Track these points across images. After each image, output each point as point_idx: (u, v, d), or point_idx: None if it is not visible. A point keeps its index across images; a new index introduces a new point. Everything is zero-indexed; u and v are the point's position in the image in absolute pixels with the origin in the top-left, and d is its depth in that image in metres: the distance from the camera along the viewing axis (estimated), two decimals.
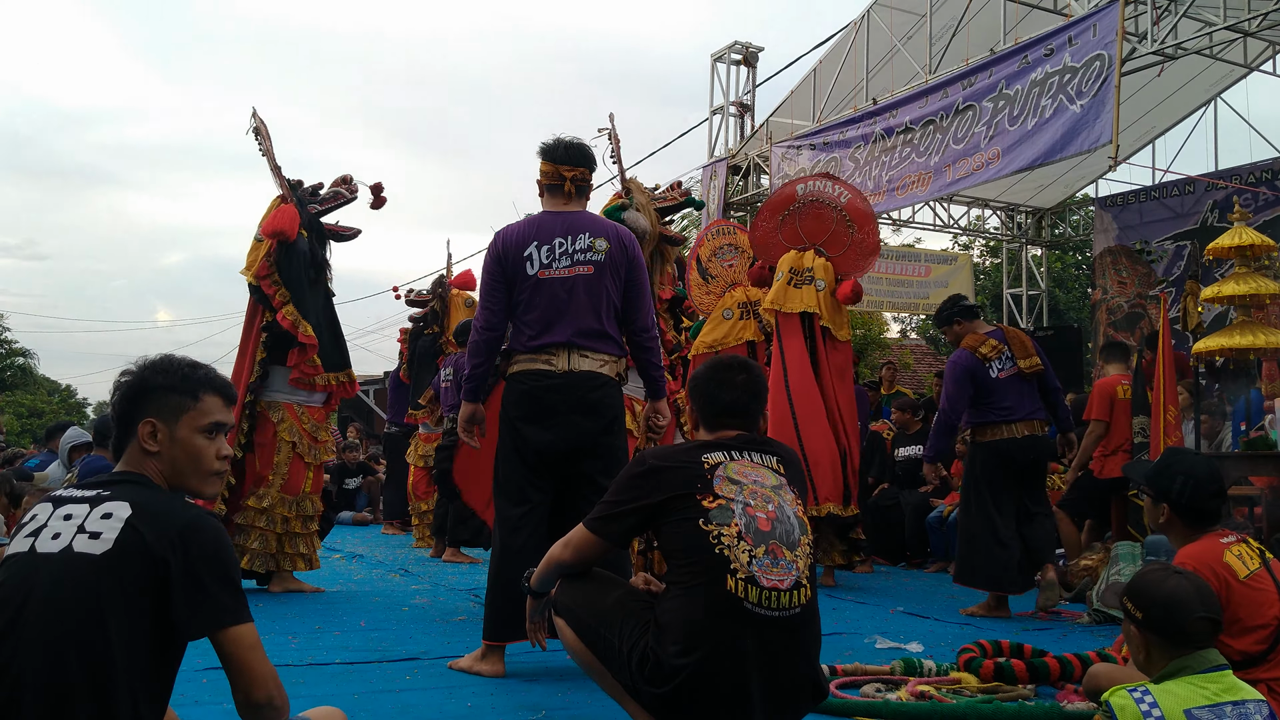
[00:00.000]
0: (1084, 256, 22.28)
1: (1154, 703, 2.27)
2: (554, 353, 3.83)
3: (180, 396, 2.15)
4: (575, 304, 3.84)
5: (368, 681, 3.66)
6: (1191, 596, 2.42)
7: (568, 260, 3.87)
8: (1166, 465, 3.27)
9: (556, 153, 4.03)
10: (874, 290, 13.07)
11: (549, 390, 3.82)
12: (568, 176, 4.00)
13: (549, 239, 3.89)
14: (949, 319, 6.08)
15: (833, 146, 10.73)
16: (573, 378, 3.82)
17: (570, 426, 3.82)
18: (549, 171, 4.03)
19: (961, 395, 5.72)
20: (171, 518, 1.97)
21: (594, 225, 3.97)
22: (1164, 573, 2.53)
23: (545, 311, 3.84)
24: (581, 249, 3.88)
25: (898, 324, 27.81)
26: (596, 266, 3.88)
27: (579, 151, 4.05)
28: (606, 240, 3.92)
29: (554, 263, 3.87)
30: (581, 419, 3.83)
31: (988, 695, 3.53)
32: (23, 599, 1.89)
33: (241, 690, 1.97)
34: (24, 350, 36.57)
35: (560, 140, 4.06)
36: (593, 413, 3.85)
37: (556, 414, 3.83)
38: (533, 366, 3.85)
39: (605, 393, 3.88)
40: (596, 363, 3.86)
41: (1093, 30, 7.87)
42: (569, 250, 3.88)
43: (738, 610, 2.46)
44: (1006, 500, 5.70)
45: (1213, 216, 11.22)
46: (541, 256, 3.87)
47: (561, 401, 3.82)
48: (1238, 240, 5.80)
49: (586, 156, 4.07)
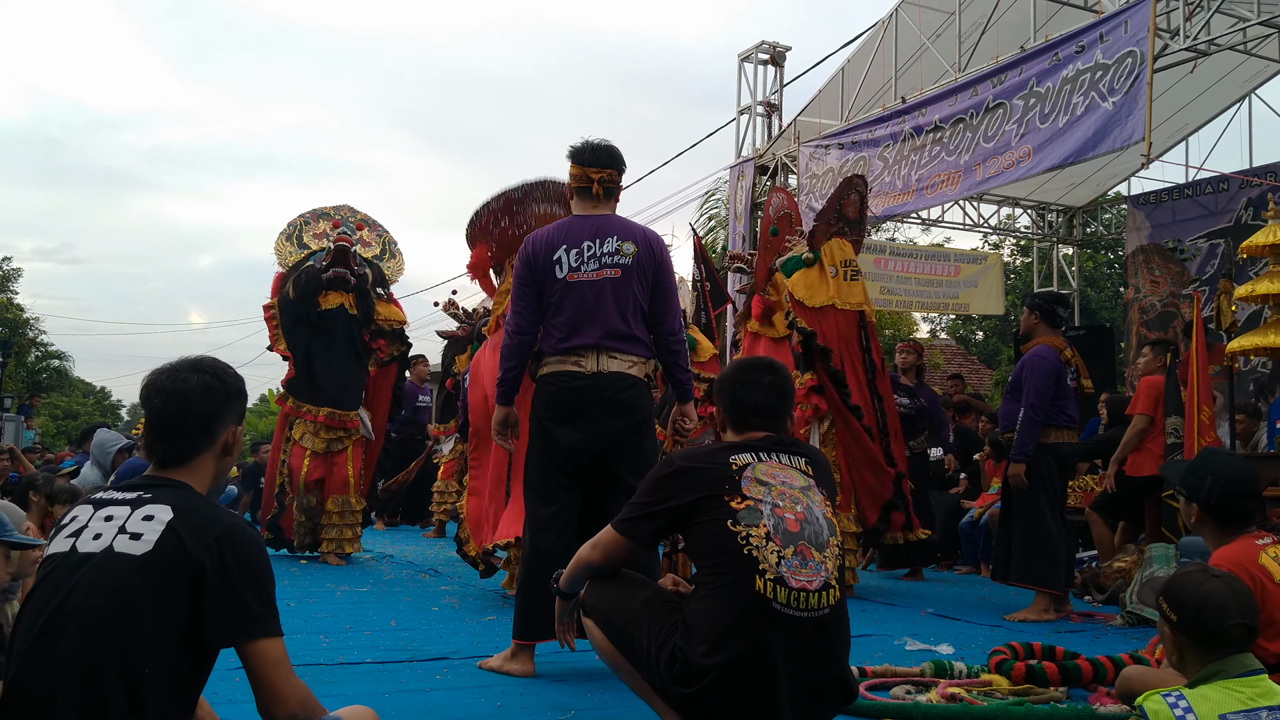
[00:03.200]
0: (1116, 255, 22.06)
1: (1188, 707, 2.25)
2: (583, 354, 3.85)
3: (245, 400, 2.19)
4: (603, 307, 3.86)
5: (398, 681, 3.69)
6: (1228, 601, 2.38)
7: (595, 263, 3.90)
8: (1199, 465, 3.25)
9: (584, 155, 4.04)
10: (903, 290, 13.01)
11: (578, 391, 3.85)
12: (595, 179, 4.01)
13: (577, 242, 3.91)
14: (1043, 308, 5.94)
15: (861, 145, 10.68)
16: (601, 378, 3.85)
17: (599, 426, 3.85)
18: (577, 174, 4.05)
19: (1048, 392, 5.66)
20: (212, 523, 1.98)
21: (622, 228, 3.99)
22: (1201, 574, 2.49)
23: (574, 314, 3.87)
24: (609, 252, 3.91)
25: (927, 324, 27.71)
26: (624, 270, 3.90)
27: (606, 153, 4.05)
28: (634, 243, 3.94)
29: (582, 266, 3.89)
30: (611, 419, 3.85)
31: (1019, 698, 3.50)
32: (64, 597, 1.91)
33: (263, 706, 1.97)
34: (59, 353, 37.00)
35: (588, 143, 4.07)
36: (621, 413, 3.87)
37: (586, 414, 3.85)
38: (562, 368, 3.88)
39: (634, 393, 3.90)
40: (625, 363, 3.88)
41: (1124, 27, 7.79)
42: (597, 253, 3.90)
43: (766, 611, 2.46)
44: (1059, 502, 5.78)
45: (1247, 214, 11.07)
46: (570, 260, 3.90)
47: (591, 402, 3.84)
48: (1272, 238, 5.74)
49: (614, 158, 4.07)
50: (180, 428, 2.09)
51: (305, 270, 7.29)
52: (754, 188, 12.62)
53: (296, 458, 7.32)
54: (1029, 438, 5.67)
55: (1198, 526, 3.24)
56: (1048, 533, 5.62)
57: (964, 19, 9.85)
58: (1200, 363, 5.79)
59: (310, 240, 7.64)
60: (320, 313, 7.29)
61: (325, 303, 7.28)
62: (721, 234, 18.72)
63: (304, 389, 7.35)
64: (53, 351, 36.16)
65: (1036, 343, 5.83)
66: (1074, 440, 5.91)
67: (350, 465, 7.39)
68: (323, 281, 7.23)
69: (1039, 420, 5.67)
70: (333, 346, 7.33)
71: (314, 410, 7.29)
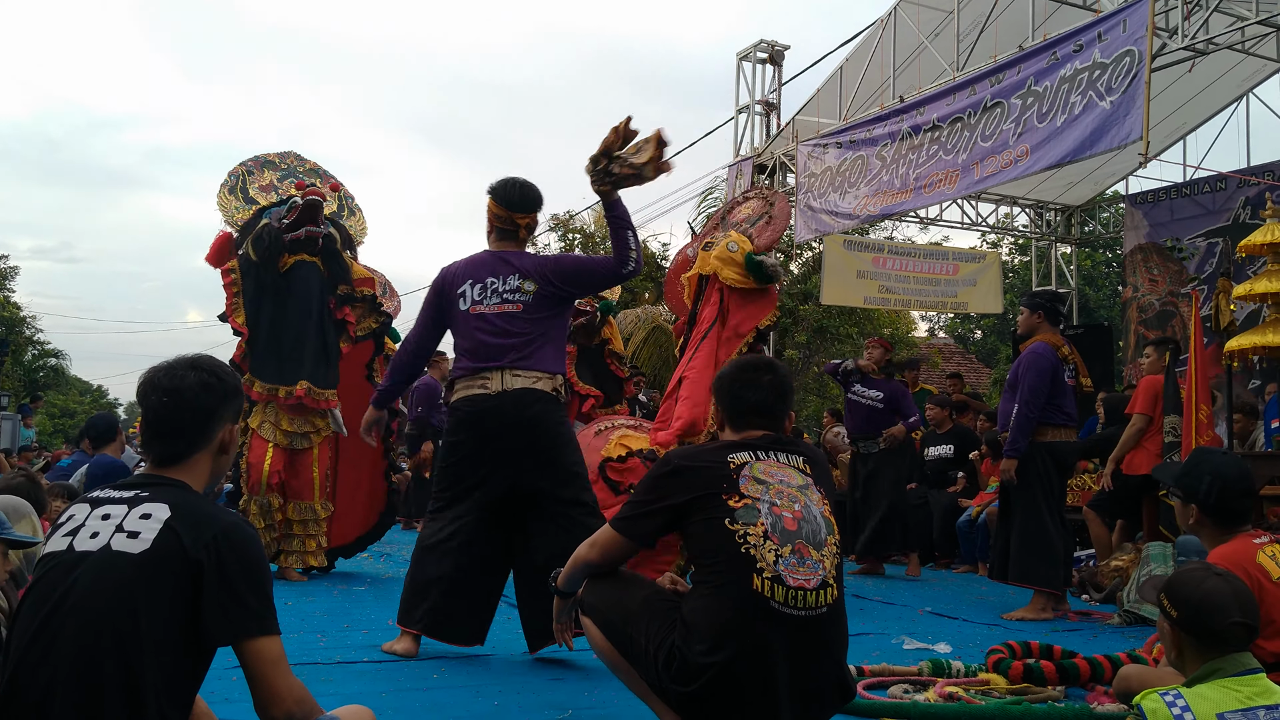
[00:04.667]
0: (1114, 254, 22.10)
1: (1186, 706, 2.25)
2: (488, 375, 3.99)
3: (242, 398, 2.19)
4: (505, 336, 4.01)
5: (395, 680, 3.68)
6: (1229, 599, 2.37)
7: (496, 298, 4.05)
8: (1195, 465, 3.25)
9: (511, 198, 4.14)
10: (901, 288, 13.00)
11: (485, 412, 3.97)
12: (521, 224, 4.17)
13: (481, 278, 4.08)
14: (1044, 306, 5.98)
15: (859, 144, 10.67)
16: (507, 396, 3.96)
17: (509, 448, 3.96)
18: (501, 215, 4.15)
19: (1044, 389, 5.67)
20: (210, 522, 1.98)
21: (523, 265, 4.11)
22: (1203, 573, 2.49)
23: (476, 343, 4.03)
24: (511, 289, 4.06)
25: (925, 322, 27.73)
26: (525, 305, 4.05)
27: (532, 198, 4.17)
28: (534, 281, 4.07)
29: (485, 300, 4.06)
30: (518, 436, 3.96)
31: (1017, 697, 3.51)
32: (61, 595, 1.91)
33: (260, 705, 1.96)
34: (56, 351, 36.99)
35: (514, 183, 4.16)
36: (529, 429, 3.97)
37: (495, 437, 3.97)
38: (469, 391, 4.02)
39: (541, 408, 3.99)
40: (529, 379, 3.99)
41: (1122, 26, 7.79)
42: (500, 290, 4.06)
43: (764, 609, 2.46)
44: (1057, 501, 5.77)
45: (1245, 213, 11.08)
46: (473, 294, 4.07)
47: (496, 424, 3.96)
48: (1270, 237, 5.74)
49: (538, 201, 4.19)
50: (177, 426, 2.09)
51: (265, 228, 6.15)
52: (752, 186, 12.61)
53: (256, 451, 6.13)
54: (1022, 434, 5.67)
55: (1196, 527, 3.25)
56: (1046, 532, 5.62)
57: (962, 18, 9.84)
58: (1199, 362, 5.79)
59: (257, 194, 6.52)
60: (284, 274, 6.18)
61: (287, 264, 6.19)
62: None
63: (269, 367, 6.15)
64: (50, 350, 36.15)
65: (1034, 340, 5.83)
66: (1072, 439, 5.91)
67: (316, 466, 6.34)
68: (286, 243, 6.12)
69: (1033, 418, 5.66)
70: (302, 314, 6.21)
71: (289, 390, 6.11)
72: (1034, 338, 5.85)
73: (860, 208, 10.46)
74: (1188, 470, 3.26)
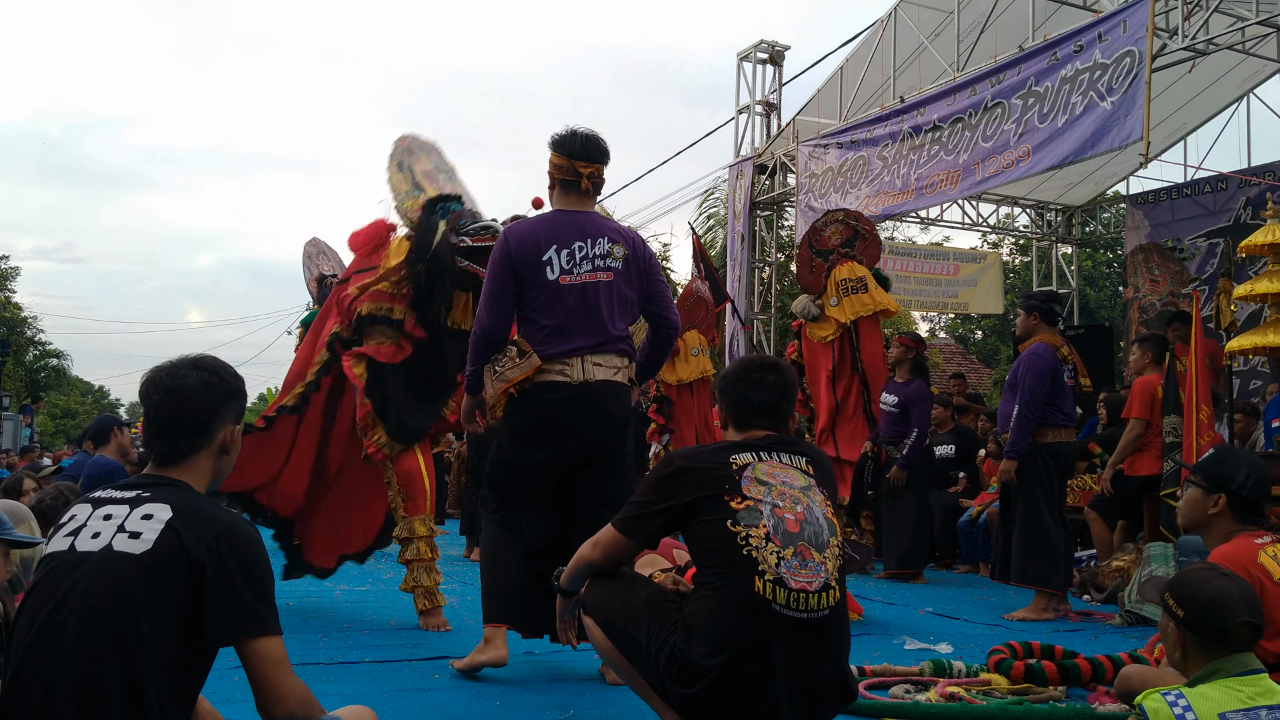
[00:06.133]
0: (1115, 254, 22.08)
1: (1188, 706, 2.24)
2: (568, 362, 3.65)
3: (244, 399, 2.19)
4: (595, 310, 3.67)
5: (397, 680, 3.69)
6: (1236, 600, 2.37)
7: (589, 265, 3.68)
8: (1227, 456, 3.26)
9: (574, 147, 3.74)
10: (902, 289, 12.99)
11: (562, 404, 3.65)
12: (585, 173, 3.73)
13: (568, 243, 3.68)
14: (1040, 308, 5.98)
15: (860, 145, 10.68)
16: (590, 389, 3.66)
17: (581, 437, 3.70)
18: (563, 166, 3.75)
19: (1043, 390, 5.66)
20: (211, 522, 1.98)
21: (612, 230, 3.80)
22: (1210, 573, 2.48)
23: (565, 319, 3.65)
24: (601, 254, 3.69)
25: (926, 323, 27.72)
26: (615, 273, 3.72)
27: (596, 146, 3.77)
28: (624, 246, 3.76)
29: (575, 268, 3.66)
30: (594, 429, 3.70)
31: (1018, 697, 3.50)
32: (63, 596, 1.91)
33: (262, 705, 1.96)
34: (58, 351, 36.99)
35: (576, 132, 3.77)
36: (605, 422, 3.71)
37: (569, 427, 3.68)
38: (546, 378, 3.65)
39: (620, 401, 3.75)
40: (610, 370, 3.71)
41: (1123, 26, 7.80)
42: (590, 255, 3.68)
43: (766, 611, 2.45)
44: (1058, 501, 5.78)
45: (1246, 213, 11.08)
46: (562, 261, 3.66)
47: (575, 413, 3.66)
48: (1271, 237, 5.74)
49: (604, 151, 3.81)
50: (178, 425, 2.09)
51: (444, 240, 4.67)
52: (753, 187, 12.62)
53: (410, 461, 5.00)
54: (1022, 435, 5.67)
55: (1212, 519, 3.22)
56: (1047, 532, 5.62)
57: (963, 18, 9.85)
58: (1200, 361, 5.79)
59: (422, 179, 5.03)
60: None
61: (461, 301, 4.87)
62: (720, 233, 18.72)
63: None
64: (51, 350, 36.16)
65: (1033, 340, 5.83)
66: (1072, 439, 5.91)
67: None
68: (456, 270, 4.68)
69: (1033, 418, 5.66)
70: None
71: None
72: (1033, 338, 5.86)
73: (861, 208, 10.45)
74: (1219, 460, 3.26)
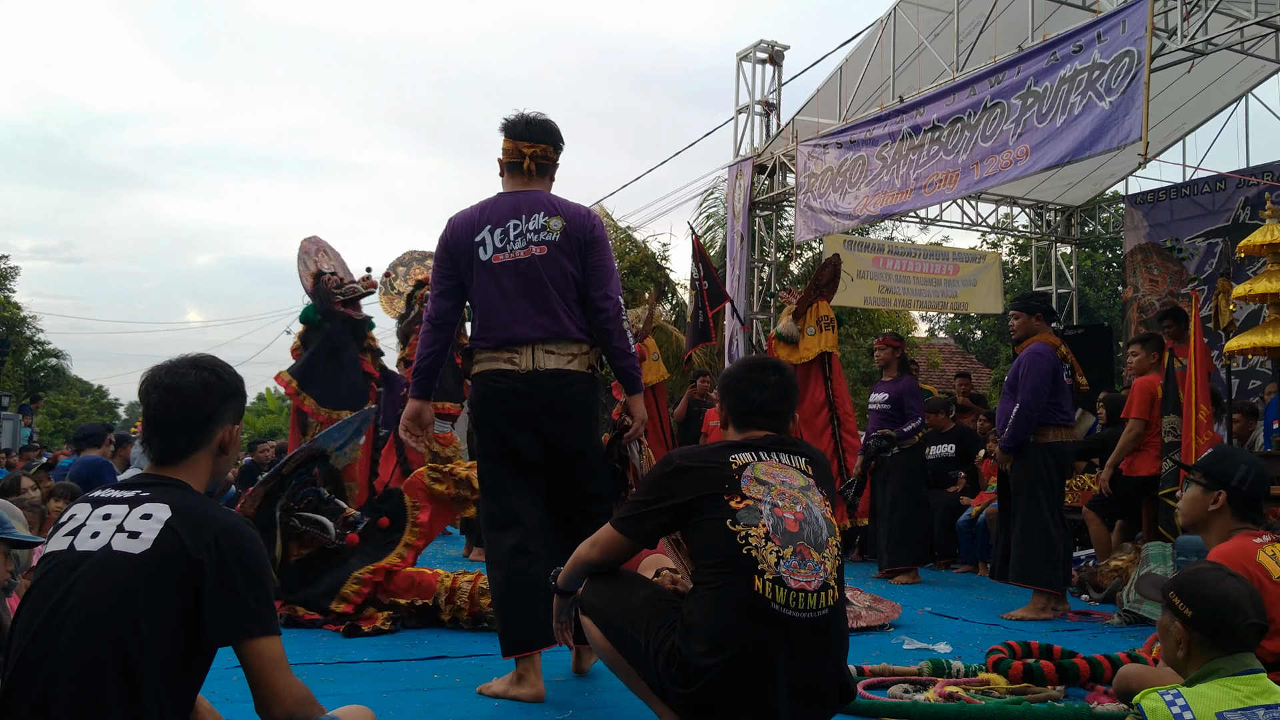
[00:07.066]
0: (1114, 254, 22.09)
1: (1186, 705, 2.24)
2: (516, 349, 3.58)
3: (243, 398, 2.19)
4: (533, 289, 3.58)
5: (396, 680, 3.69)
6: (1245, 600, 2.37)
7: (522, 242, 3.61)
8: (1227, 454, 3.27)
9: (516, 128, 3.74)
10: (901, 288, 13.02)
11: (513, 393, 3.57)
12: (527, 154, 3.70)
13: (501, 221, 3.63)
14: (1043, 308, 6.01)
15: (859, 145, 10.68)
16: (537, 377, 3.57)
17: (540, 429, 3.59)
18: (509, 149, 3.74)
19: (1045, 389, 5.67)
20: (210, 522, 1.98)
21: (549, 203, 3.69)
22: (1218, 573, 2.47)
23: (501, 301, 3.59)
24: (535, 229, 3.61)
25: (926, 323, 27.74)
26: (550, 246, 3.60)
27: (540, 127, 3.75)
28: (563, 218, 3.65)
29: (508, 245, 3.60)
30: (549, 421, 3.59)
31: (1017, 696, 3.51)
32: (62, 595, 1.91)
33: (261, 705, 1.96)
34: (57, 351, 36.99)
35: (522, 115, 3.77)
36: (561, 414, 3.61)
37: (525, 417, 3.58)
38: (494, 366, 3.61)
39: (576, 390, 3.63)
40: (563, 358, 3.60)
41: (1122, 26, 7.80)
42: (524, 230, 3.61)
43: (765, 611, 2.46)
44: (1057, 501, 5.78)
45: (1245, 214, 11.08)
46: (495, 240, 3.61)
47: (527, 405, 3.57)
48: (1270, 237, 5.74)
49: (549, 132, 3.77)
50: (177, 424, 2.09)
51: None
52: (752, 187, 12.61)
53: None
54: (1021, 431, 5.68)
55: (1212, 516, 3.22)
56: (1046, 532, 5.62)
57: (962, 18, 9.85)
58: (1199, 361, 5.79)
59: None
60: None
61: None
62: (720, 233, 18.70)
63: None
64: (50, 350, 36.15)
65: (1033, 340, 5.84)
66: (1072, 439, 5.91)
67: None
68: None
69: (1034, 417, 5.67)
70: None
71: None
72: (1033, 338, 5.86)
73: (860, 208, 10.48)
74: (1219, 458, 3.27)
